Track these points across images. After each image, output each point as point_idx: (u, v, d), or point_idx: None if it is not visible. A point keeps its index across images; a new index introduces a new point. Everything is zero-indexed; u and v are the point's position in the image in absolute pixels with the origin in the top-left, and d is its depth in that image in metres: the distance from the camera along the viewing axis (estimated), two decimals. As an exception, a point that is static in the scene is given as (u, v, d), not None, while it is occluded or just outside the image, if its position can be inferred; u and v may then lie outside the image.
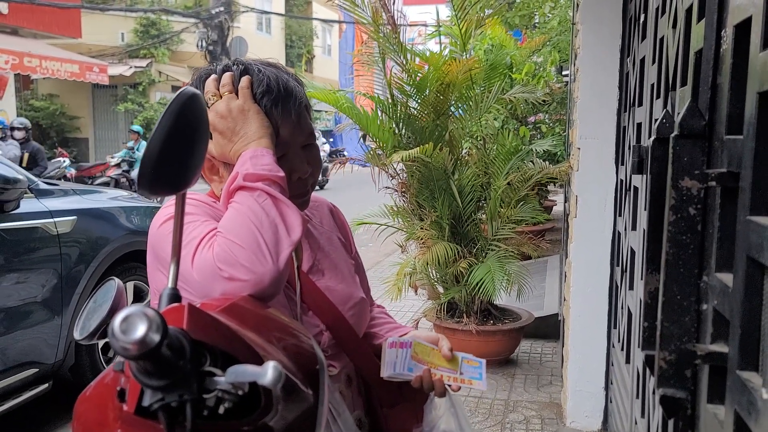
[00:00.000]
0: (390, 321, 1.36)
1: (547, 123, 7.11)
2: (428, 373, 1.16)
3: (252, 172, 0.96)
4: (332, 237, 1.27)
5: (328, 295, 1.14)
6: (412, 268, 3.92)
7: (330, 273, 1.19)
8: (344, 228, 1.33)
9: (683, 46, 1.37)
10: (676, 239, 1.06)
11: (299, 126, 1.09)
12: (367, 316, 1.27)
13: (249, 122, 1.02)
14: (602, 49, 2.77)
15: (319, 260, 1.19)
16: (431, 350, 1.21)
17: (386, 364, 1.16)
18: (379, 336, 1.29)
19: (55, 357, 3.14)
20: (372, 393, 1.23)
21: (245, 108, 1.02)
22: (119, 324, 0.56)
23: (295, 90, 1.08)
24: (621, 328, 2.49)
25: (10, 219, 2.92)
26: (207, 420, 0.64)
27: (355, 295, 1.20)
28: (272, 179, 0.97)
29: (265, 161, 0.98)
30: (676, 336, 1.06)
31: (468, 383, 1.18)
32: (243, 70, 1.07)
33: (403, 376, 1.16)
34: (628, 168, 2.36)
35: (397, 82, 3.89)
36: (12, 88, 14.05)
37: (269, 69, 1.08)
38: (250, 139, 1.01)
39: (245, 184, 0.96)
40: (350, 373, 1.19)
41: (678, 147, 1.04)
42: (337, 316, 1.14)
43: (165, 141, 0.73)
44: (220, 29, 18.04)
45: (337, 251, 1.25)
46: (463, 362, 1.20)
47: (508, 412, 3.30)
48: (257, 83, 1.05)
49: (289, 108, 1.06)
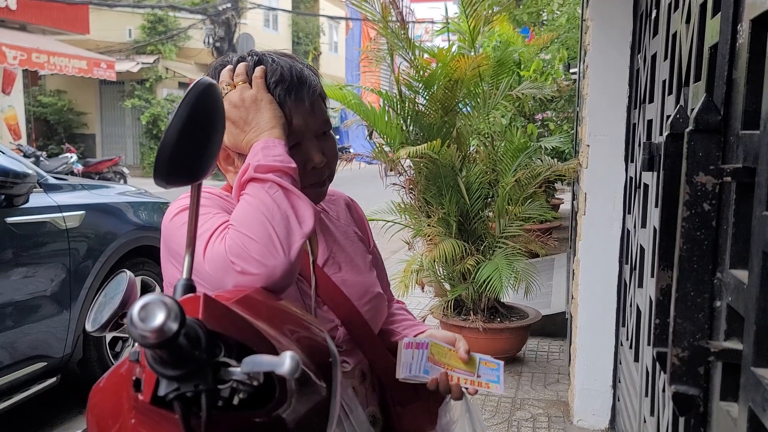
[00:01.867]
0: (408, 318, 1.33)
1: (555, 120, 7.09)
2: (444, 376, 1.14)
3: (263, 164, 0.96)
4: (349, 231, 1.25)
5: (343, 289, 1.13)
6: (418, 265, 3.91)
7: (346, 267, 1.17)
8: (362, 222, 1.32)
9: (697, 42, 1.36)
10: (689, 235, 1.05)
11: (313, 114, 1.08)
12: (384, 311, 1.24)
13: (261, 112, 1.01)
14: (612, 45, 2.76)
15: (335, 254, 1.18)
16: (448, 351, 1.17)
17: (402, 365, 1.13)
18: (397, 333, 1.27)
19: (64, 351, 3.16)
20: (387, 390, 1.21)
21: (258, 98, 1.02)
22: (138, 312, 0.55)
23: (309, 78, 1.08)
24: (629, 326, 2.48)
25: (20, 213, 2.94)
26: (221, 410, 0.64)
27: (371, 290, 1.18)
28: (283, 170, 0.96)
29: (276, 152, 0.98)
30: (689, 333, 1.05)
31: (485, 386, 1.15)
32: (257, 61, 1.06)
33: (418, 378, 1.14)
34: (638, 165, 2.35)
35: (405, 79, 3.88)
36: (20, 84, 14.11)
37: (283, 59, 1.08)
38: (263, 129, 1.00)
39: (256, 175, 0.95)
40: (364, 369, 1.17)
41: (693, 142, 1.03)
42: (352, 311, 1.12)
43: (181, 131, 0.73)
44: (227, 26, 18.06)
45: (353, 245, 1.23)
46: (480, 364, 1.17)
47: (515, 409, 3.30)
48: (271, 73, 1.04)
49: (303, 96, 1.06)
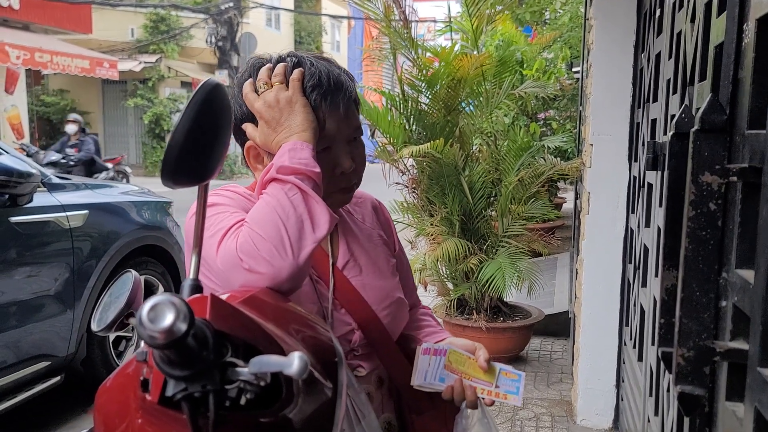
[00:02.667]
0: (431, 324, 1.31)
1: (558, 119, 7.08)
2: (460, 384, 1.12)
3: (287, 165, 0.96)
4: (373, 234, 1.24)
5: (362, 293, 1.12)
6: (421, 264, 3.91)
7: (367, 270, 1.16)
8: (388, 225, 1.30)
9: (702, 41, 1.36)
10: (695, 235, 1.04)
11: (346, 120, 1.08)
12: (404, 317, 1.22)
13: (294, 114, 1.01)
14: (616, 44, 2.75)
15: (357, 256, 1.17)
16: (467, 359, 1.15)
17: (418, 371, 1.12)
18: (418, 340, 1.25)
19: (67, 350, 3.16)
20: (403, 398, 1.19)
21: (293, 100, 1.02)
22: (147, 312, 0.56)
23: (346, 84, 1.08)
24: (633, 326, 2.48)
25: (24, 212, 2.94)
26: (228, 410, 0.64)
27: (391, 295, 1.17)
28: (306, 174, 0.96)
29: (302, 155, 0.98)
30: (694, 333, 1.05)
31: (503, 397, 1.13)
32: (296, 63, 1.06)
33: (433, 386, 1.12)
34: (642, 164, 2.34)
35: (408, 78, 3.88)
36: (23, 84, 14.11)
37: (321, 63, 1.08)
38: (293, 131, 1.01)
39: (278, 176, 0.96)
40: (382, 375, 1.16)
41: (698, 142, 1.03)
42: (370, 315, 1.11)
43: (188, 131, 0.73)
44: (229, 25, 18.07)
45: (376, 248, 1.22)
46: (501, 374, 1.15)
47: (518, 409, 3.29)
48: (308, 76, 1.04)
49: (338, 101, 1.06)
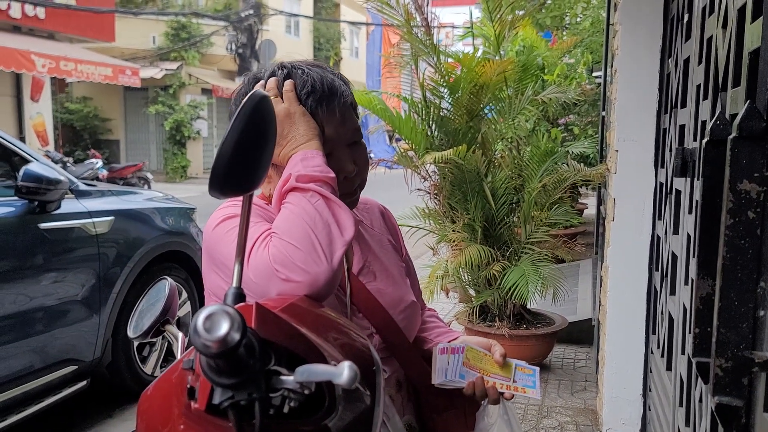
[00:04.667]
0: (440, 325, 1.34)
1: (578, 125, 7.03)
2: (481, 380, 1.14)
3: (304, 173, 0.97)
4: (383, 239, 1.26)
5: (378, 297, 1.13)
6: (443, 271, 3.90)
7: (380, 275, 1.18)
8: (395, 230, 1.33)
9: (735, 46, 1.34)
10: (733, 244, 1.03)
11: (344, 124, 1.09)
12: (418, 319, 1.25)
13: (296, 125, 1.03)
14: (642, 49, 2.73)
15: (370, 262, 1.18)
16: (483, 356, 1.18)
17: (437, 370, 1.14)
18: (429, 341, 1.27)
19: (93, 355, 3.20)
20: (422, 398, 1.21)
21: (291, 111, 1.03)
22: (203, 321, 0.56)
23: (340, 88, 1.09)
24: (661, 334, 2.45)
25: (52, 219, 2.99)
26: (272, 419, 0.65)
27: (405, 298, 1.19)
28: (324, 180, 0.98)
29: (315, 162, 0.99)
30: (732, 343, 1.03)
31: (522, 391, 1.15)
32: (287, 74, 1.07)
33: (454, 383, 1.14)
34: (670, 170, 2.32)
35: (429, 84, 3.88)
36: (48, 92, 14.36)
37: (314, 69, 1.09)
38: (299, 142, 1.02)
39: (298, 185, 0.96)
40: (400, 378, 1.18)
41: (736, 149, 1.01)
42: (387, 319, 1.13)
43: (237, 143, 0.74)
44: (249, 32, 18.25)
45: (387, 254, 1.24)
46: (516, 369, 1.17)
47: (542, 417, 3.27)
48: (301, 84, 1.06)
49: (334, 106, 1.07)
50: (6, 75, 12.61)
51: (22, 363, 2.82)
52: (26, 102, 13.63)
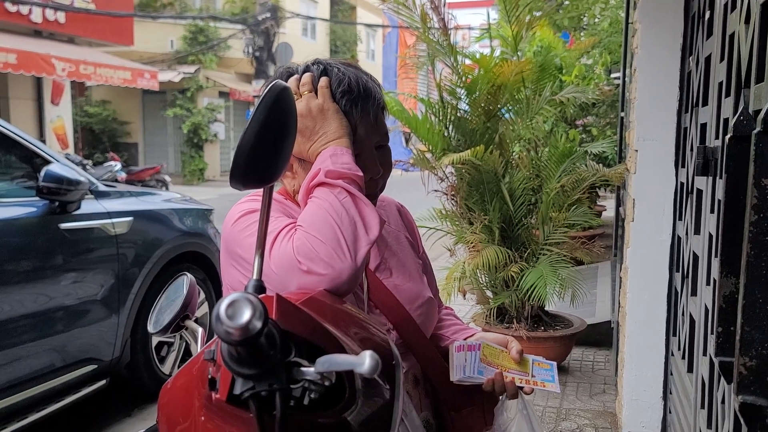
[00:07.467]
0: (456, 323, 1.34)
1: (597, 126, 6.98)
2: (500, 376, 1.14)
3: (333, 169, 0.97)
4: (400, 236, 1.27)
5: (395, 293, 1.13)
6: (461, 272, 3.88)
7: (398, 272, 1.18)
8: (412, 227, 1.33)
9: (759, 42, 1.32)
10: (758, 240, 1.01)
11: (376, 127, 1.10)
12: (435, 316, 1.25)
13: (328, 121, 1.03)
14: (662, 48, 2.70)
15: (387, 259, 1.19)
16: (500, 352, 1.18)
17: (455, 367, 1.13)
18: (445, 338, 1.27)
19: (113, 354, 3.23)
20: (440, 395, 1.21)
21: (325, 107, 1.03)
22: (225, 308, 0.56)
23: (374, 90, 1.09)
24: (682, 336, 2.42)
25: (72, 219, 3.02)
26: (292, 410, 0.65)
27: (422, 295, 1.19)
28: (352, 177, 0.98)
29: (345, 159, 1.00)
30: (757, 341, 1.02)
31: (541, 385, 1.16)
32: (322, 71, 1.08)
33: (473, 379, 1.14)
34: (691, 170, 2.29)
35: (446, 85, 3.87)
36: (68, 95, 14.56)
37: (349, 69, 1.09)
38: (330, 138, 1.02)
39: (326, 180, 0.97)
40: (417, 374, 1.18)
41: (761, 144, 1.00)
42: (404, 316, 1.13)
43: (258, 134, 0.74)
44: (266, 35, 18.35)
45: (404, 250, 1.25)
46: (534, 365, 1.17)
47: (561, 420, 3.24)
48: (337, 83, 1.06)
49: (368, 108, 1.07)
50: (27, 79, 12.80)
51: (42, 362, 2.85)
52: (47, 105, 13.82)
